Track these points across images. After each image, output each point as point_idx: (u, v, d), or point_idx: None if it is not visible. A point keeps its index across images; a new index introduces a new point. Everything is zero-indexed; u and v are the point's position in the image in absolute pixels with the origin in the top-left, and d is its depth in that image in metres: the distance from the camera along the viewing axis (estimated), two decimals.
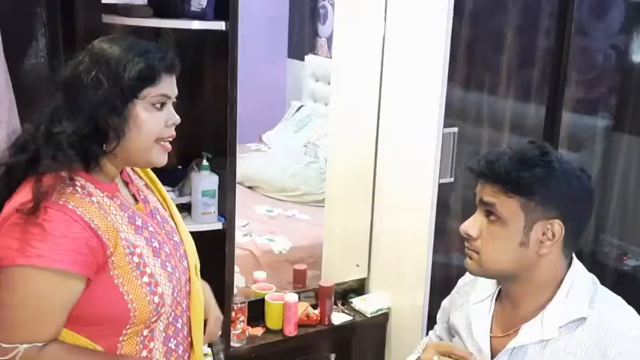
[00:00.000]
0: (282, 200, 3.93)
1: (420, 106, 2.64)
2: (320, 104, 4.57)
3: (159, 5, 2.34)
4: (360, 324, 2.90)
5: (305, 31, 4.85)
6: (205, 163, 2.42)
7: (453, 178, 2.70)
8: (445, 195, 2.70)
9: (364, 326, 2.90)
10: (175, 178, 2.51)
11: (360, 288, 3.05)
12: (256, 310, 2.71)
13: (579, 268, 1.47)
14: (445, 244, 2.75)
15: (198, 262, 1.63)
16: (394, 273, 2.89)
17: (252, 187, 4.07)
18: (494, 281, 1.55)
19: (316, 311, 2.82)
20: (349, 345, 2.90)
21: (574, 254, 1.48)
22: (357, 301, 2.96)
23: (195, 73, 2.49)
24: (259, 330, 2.72)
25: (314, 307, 2.84)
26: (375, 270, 3.00)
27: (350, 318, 2.90)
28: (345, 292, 3.02)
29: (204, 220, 2.42)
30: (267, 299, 2.74)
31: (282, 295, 2.76)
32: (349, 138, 2.99)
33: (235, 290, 2.67)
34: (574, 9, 2.88)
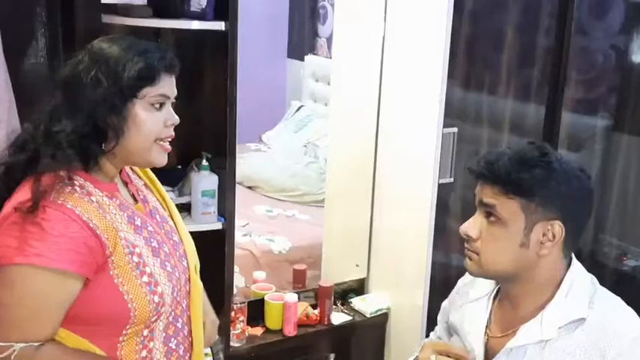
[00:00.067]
0: (282, 200, 3.93)
1: (420, 106, 2.64)
2: (320, 104, 4.57)
3: (158, 5, 2.34)
4: (360, 324, 2.89)
5: (305, 31, 4.85)
6: (205, 163, 2.42)
7: (452, 178, 2.70)
8: (445, 195, 2.69)
9: (364, 326, 2.90)
10: (175, 178, 2.51)
11: (360, 288, 3.05)
12: (256, 310, 2.71)
13: (579, 268, 1.47)
14: (445, 244, 2.75)
15: (197, 262, 1.63)
16: (394, 273, 2.89)
17: (251, 187, 4.07)
18: (492, 280, 1.55)
19: (316, 311, 2.81)
20: (349, 345, 2.90)
21: (573, 254, 1.48)
22: (356, 301, 2.95)
23: (195, 73, 2.49)
24: (259, 330, 2.71)
25: (313, 307, 2.84)
26: (375, 270, 2.99)
27: (349, 318, 2.89)
28: (345, 292, 3.02)
29: (203, 220, 2.42)
30: (266, 299, 2.74)
31: (281, 295, 2.76)
32: (349, 138, 2.99)
33: (235, 290, 2.67)
34: (574, 8, 2.88)
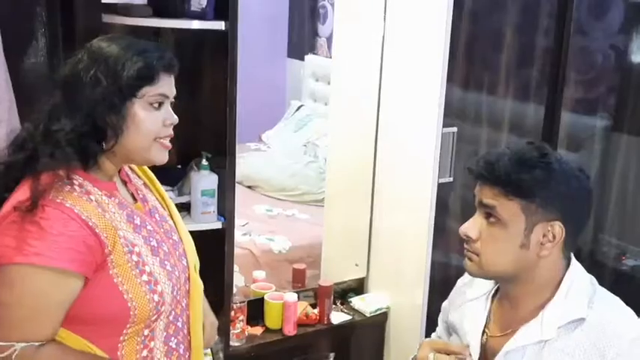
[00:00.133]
0: (282, 200, 3.93)
1: (420, 106, 2.64)
2: (320, 104, 4.57)
3: (158, 5, 2.34)
4: (360, 323, 2.89)
5: (305, 31, 4.85)
6: (205, 162, 2.42)
7: (452, 177, 2.70)
8: (444, 195, 2.70)
9: (363, 326, 2.90)
10: (175, 177, 2.51)
11: (360, 287, 3.05)
12: (255, 310, 2.71)
13: (578, 268, 1.47)
14: (444, 243, 2.75)
15: (197, 261, 1.63)
16: (393, 272, 2.89)
17: (251, 187, 4.06)
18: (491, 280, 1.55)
19: (315, 311, 2.82)
20: (348, 344, 2.90)
21: (572, 254, 1.48)
22: (356, 301, 2.95)
23: (195, 72, 2.49)
24: (258, 329, 2.71)
25: (313, 306, 2.84)
26: (375, 269, 2.99)
27: (349, 317, 2.89)
28: (345, 292, 3.02)
29: (203, 220, 2.42)
30: (266, 298, 2.74)
31: (281, 295, 2.76)
32: (349, 137, 2.99)
33: (235, 289, 2.67)
34: (573, 9, 2.88)
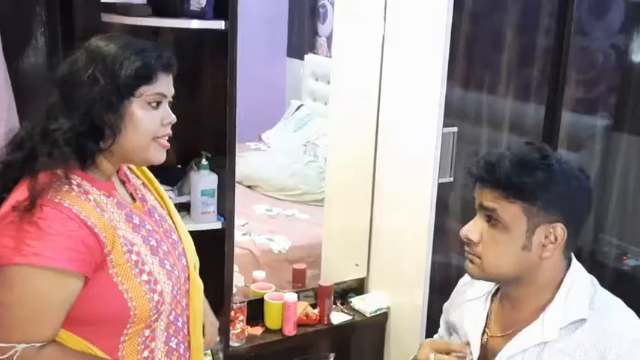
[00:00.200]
0: (282, 199, 3.93)
1: (420, 106, 2.63)
2: (319, 103, 4.57)
3: (158, 4, 2.34)
4: (360, 323, 2.89)
5: (305, 30, 4.85)
6: (204, 162, 2.41)
7: (452, 177, 2.70)
8: (444, 194, 2.69)
9: (363, 326, 2.90)
10: (174, 177, 2.50)
11: (360, 287, 3.05)
12: (255, 310, 2.71)
13: (579, 268, 1.47)
14: (444, 243, 2.75)
15: (197, 261, 1.63)
16: (393, 272, 2.89)
17: (251, 187, 4.06)
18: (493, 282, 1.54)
19: (315, 311, 2.81)
20: (348, 344, 2.90)
21: (573, 254, 1.48)
22: (356, 301, 2.95)
23: (195, 72, 2.48)
24: (258, 329, 2.71)
25: (313, 306, 2.84)
26: (375, 269, 2.99)
27: (349, 317, 2.89)
28: (345, 292, 3.02)
29: (203, 220, 2.41)
30: (266, 299, 2.74)
31: (281, 295, 2.75)
32: (349, 137, 2.99)
33: (234, 289, 2.66)
34: (574, 8, 2.88)
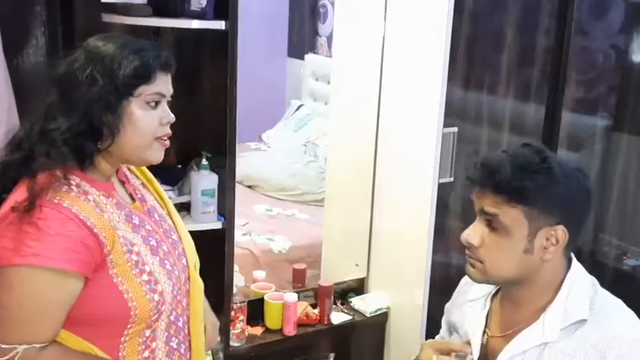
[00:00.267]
0: (282, 199, 3.93)
1: (420, 106, 2.63)
2: (320, 103, 4.57)
3: (158, 4, 2.34)
4: (360, 323, 2.89)
5: (305, 30, 4.85)
6: (205, 162, 2.41)
7: (452, 177, 2.70)
8: (445, 195, 2.69)
9: (363, 326, 2.90)
10: (175, 177, 2.50)
11: (360, 287, 3.05)
12: (255, 310, 2.71)
13: (579, 269, 1.47)
14: (445, 243, 2.75)
15: (197, 260, 1.63)
16: (393, 272, 2.89)
17: (251, 187, 4.06)
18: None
19: (315, 311, 2.81)
20: (348, 344, 2.90)
21: (573, 255, 1.48)
22: (356, 301, 2.95)
23: (195, 72, 2.49)
24: (258, 329, 2.71)
25: (313, 306, 2.84)
26: (375, 269, 2.99)
27: (349, 317, 2.89)
28: (345, 292, 3.02)
29: (203, 220, 2.41)
30: (266, 299, 2.74)
31: (281, 295, 2.75)
32: (349, 137, 2.99)
33: (235, 289, 2.66)
34: (574, 8, 2.88)
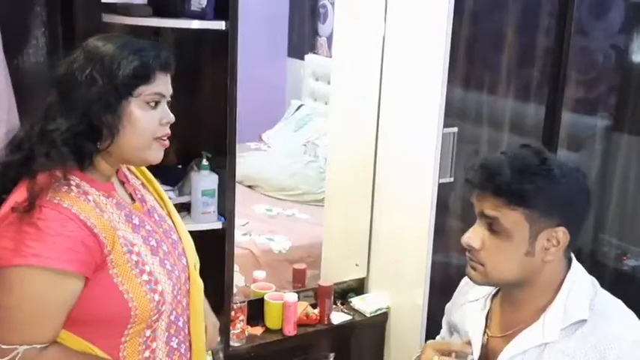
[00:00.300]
0: (282, 199, 3.93)
1: (420, 106, 2.63)
2: (320, 103, 4.57)
3: (158, 4, 2.34)
4: (360, 323, 2.89)
5: (305, 30, 4.85)
6: (205, 162, 2.41)
7: (452, 177, 2.70)
8: (445, 195, 2.69)
9: (363, 326, 2.90)
10: (175, 177, 2.50)
11: (360, 287, 3.05)
12: (256, 310, 2.71)
13: (579, 269, 1.47)
14: (445, 243, 2.75)
15: (197, 260, 1.63)
16: (394, 272, 2.89)
17: (251, 187, 4.06)
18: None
19: (315, 311, 2.81)
20: (348, 344, 2.90)
21: (573, 255, 1.48)
22: (356, 301, 2.95)
23: (195, 72, 2.49)
24: (258, 329, 2.71)
25: (313, 306, 2.84)
26: (375, 269, 2.99)
27: (349, 317, 2.89)
28: (345, 292, 3.02)
29: (203, 220, 2.41)
30: (266, 299, 2.74)
31: (281, 295, 2.76)
32: (349, 137, 2.99)
33: (235, 289, 2.66)
34: (574, 8, 2.88)
